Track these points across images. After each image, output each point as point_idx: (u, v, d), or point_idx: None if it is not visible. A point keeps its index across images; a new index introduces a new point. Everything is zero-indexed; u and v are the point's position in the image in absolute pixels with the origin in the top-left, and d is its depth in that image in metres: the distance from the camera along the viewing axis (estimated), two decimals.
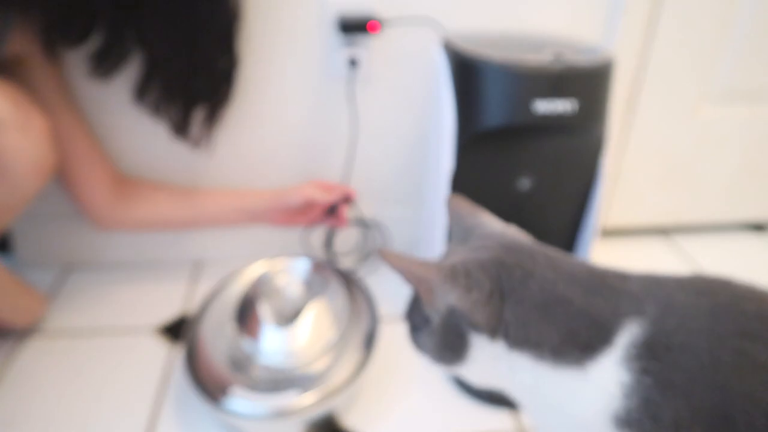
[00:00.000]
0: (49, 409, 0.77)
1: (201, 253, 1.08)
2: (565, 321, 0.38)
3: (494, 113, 0.75)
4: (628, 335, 0.38)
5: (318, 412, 0.71)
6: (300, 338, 0.74)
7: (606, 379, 0.37)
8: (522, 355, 0.40)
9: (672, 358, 0.37)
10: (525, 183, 0.83)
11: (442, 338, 0.42)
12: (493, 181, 0.83)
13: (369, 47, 0.92)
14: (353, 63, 0.92)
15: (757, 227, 1.29)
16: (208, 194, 0.98)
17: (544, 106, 0.73)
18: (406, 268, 0.43)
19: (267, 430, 0.73)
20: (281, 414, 0.69)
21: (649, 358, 0.37)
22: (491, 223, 0.48)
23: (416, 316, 0.45)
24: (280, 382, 0.71)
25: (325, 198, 0.95)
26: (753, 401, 0.35)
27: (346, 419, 0.77)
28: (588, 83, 0.75)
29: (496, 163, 0.81)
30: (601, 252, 1.13)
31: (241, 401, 0.70)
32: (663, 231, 1.25)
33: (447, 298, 0.41)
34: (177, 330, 0.91)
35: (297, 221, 0.99)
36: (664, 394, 0.36)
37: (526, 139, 0.79)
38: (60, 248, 1.04)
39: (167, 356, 0.86)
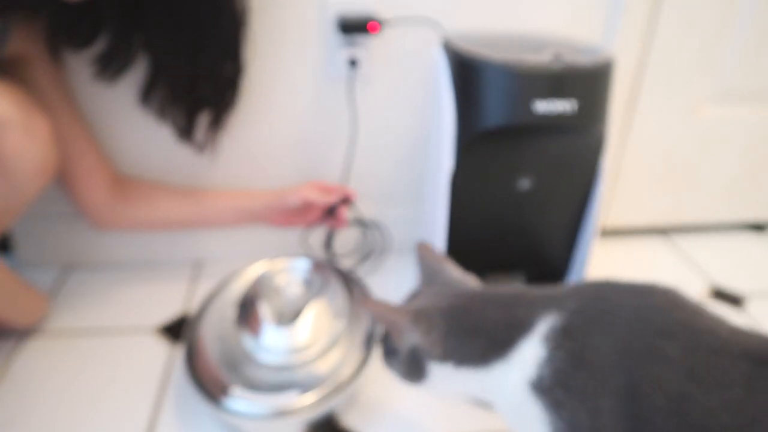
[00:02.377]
0: (50, 409, 0.77)
1: (201, 254, 1.08)
2: (485, 334, 0.50)
3: (494, 113, 0.75)
4: (545, 324, 0.47)
5: (318, 412, 0.71)
6: (300, 338, 0.74)
7: (525, 357, 0.47)
8: (465, 369, 0.51)
9: (587, 339, 0.45)
10: (525, 183, 0.83)
11: (408, 366, 0.53)
12: (493, 181, 0.83)
13: (369, 47, 0.92)
14: (353, 63, 0.92)
15: (757, 227, 1.29)
16: (207, 195, 0.98)
17: (544, 106, 0.73)
18: (381, 313, 0.54)
19: (267, 430, 0.73)
20: (281, 414, 0.69)
21: (564, 337, 0.46)
22: (452, 272, 0.59)
23: (388, 346, 0.56)
24: (280, 382, 0.72)
25: (324, 199, 0.95)
26: (656, 385, 0.41)
27: (346, 419, 0.77)
28: (588, 83, 0.75)
29: (496, 163, 0.81)
30: (600, 253, 1.13)
31: (241, 401, 0.70)
32: (663, 231, 1.26)
33: (412, 338, 0.52)
34: (177, 330, 0.91)
35: (296, 222, 0.99)
36: (574, 367, 0.44)
37: (526, 139, 0.79)
38: (60, 248, 1.04)
39: (168, 356, 0.86)
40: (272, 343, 0.74)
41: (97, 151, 0.91)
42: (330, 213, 0.97)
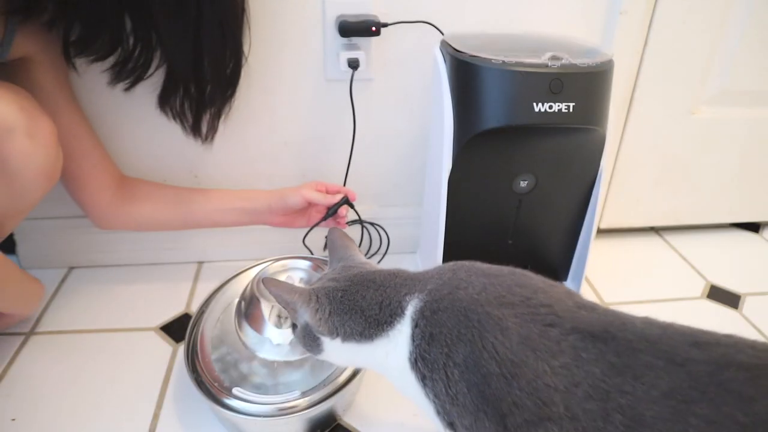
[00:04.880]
0: (51, 408, 0.77)
1: (203, 254, 1.09)
2: (361, 313, 0.56)
3: (493, 114, 0.75)
4: (412, 307, 0.54)
5: (318, 412, 0.72)
6: None
7: (402, 336, 0.54)
8: (350, 343, 0.57)
9: (436, 317, 0.52)
10: (524, 183, 0.84)
11: (304, 339, 0.60)
12: (493, 181, 0.83)
13: (369, 49, 0.93)
14: (353, 64, 0.92)
15: (753, 228, 1.29)
16: (208, 195, 0.98)
17: (544, 107, 0.74)
18: (278, 292, 0.59)
19: (267, 430, 0.73)
20: (281, 413, 0.70)
21: (420, 317, 0.53)
22: (355, 256, 0.65)
23: (293, 321, 0.62)
24: (280, 381, 0.72)
25: (325, 199, 0.95)
26: (491, 353, 0.48)
27: (346, 419, 0.78)
28: (587, 84, 0.76)
29: (496, 163, 0.82)
30: (596, 253, 1.13)
31: (241, 400, 0.70)
32: (658, 231, 1.26)
33: (303, 317, 0.58)
34: (179, 329, 0.92)
35: (297, 222, 0.99)
36: (428, 342, 0.52)
37: (525, 140, 0.79)
38: (62, 249, 1.05)
39: (169, 356, 0.87)
40: (273, 342, 0.74)
41: (101, 151, 0.92)
42: (330, 213, 0.97)
